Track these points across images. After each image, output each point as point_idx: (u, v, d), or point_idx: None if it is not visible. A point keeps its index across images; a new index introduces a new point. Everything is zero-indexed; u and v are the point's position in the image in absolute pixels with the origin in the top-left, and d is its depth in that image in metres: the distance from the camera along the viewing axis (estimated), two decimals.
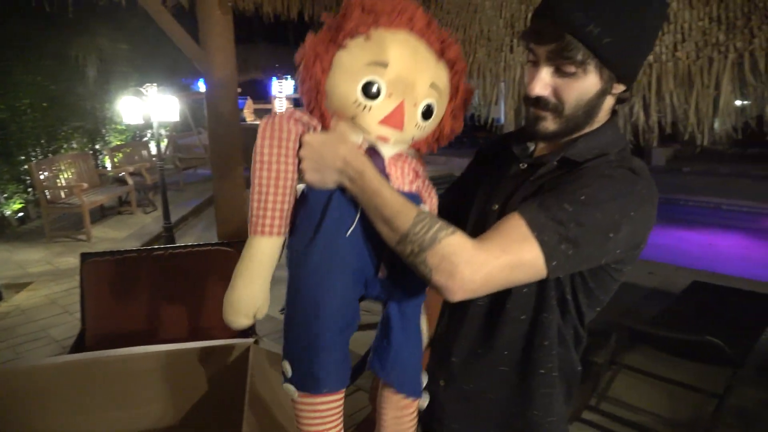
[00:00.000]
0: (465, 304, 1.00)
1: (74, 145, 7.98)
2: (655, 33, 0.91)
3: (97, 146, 8.61)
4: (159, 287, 2.32)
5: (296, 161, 0.94)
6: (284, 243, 1.00)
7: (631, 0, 0.85)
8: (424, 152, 1.05)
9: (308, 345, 0.97)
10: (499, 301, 0.97)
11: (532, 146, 1.01)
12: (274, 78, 12.32)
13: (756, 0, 1.81)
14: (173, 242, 5.38)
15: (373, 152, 0.94)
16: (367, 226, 0.92)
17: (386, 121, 0.93)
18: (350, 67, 0.92)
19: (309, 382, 0.97)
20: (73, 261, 5.13)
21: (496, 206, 0.98)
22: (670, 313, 3.09)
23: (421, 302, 1.05)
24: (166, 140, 10.09)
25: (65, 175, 6.61)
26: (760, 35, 1.79)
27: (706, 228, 7.78)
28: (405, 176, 0.98)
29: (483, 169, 1.12)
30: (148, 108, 5.40)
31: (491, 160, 1.10)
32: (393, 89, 0.93)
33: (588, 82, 0.88)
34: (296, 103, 13.23)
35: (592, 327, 1.04)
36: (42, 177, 6.15)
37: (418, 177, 1.01)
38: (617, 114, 0.99)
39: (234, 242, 2.50)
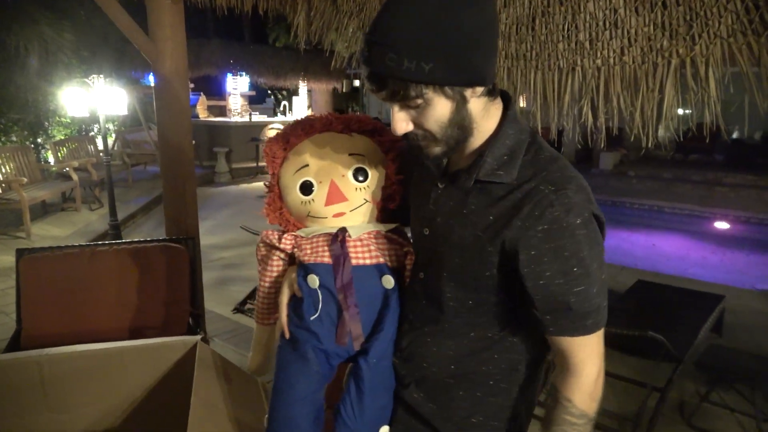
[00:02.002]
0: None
1: (14, 138, 7.58)
2: (488, 29, 0.84)
3: (39, 140, 8.21)
4: (103, 285, 2.22)
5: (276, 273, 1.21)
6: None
7: (437, 17, 0.80)
8: (394, 206, 1.19)
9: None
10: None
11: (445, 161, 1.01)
12: (228, 74, 12.08)
13: (697, 8, 1.88)
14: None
15: (334, 239, 1.11)
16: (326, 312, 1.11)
17: (330, 200, 1.13)
18: (289, 183, 1.17)
19: None
20: (9, 260, 4.87)
21: (427, 231, 1.02)
22: (615, 311, 3.19)
23: (389, 358, 1.13)
24: (113, 135, 9.73)
25: (3, 170, 6.27)
26: (700, 42, 1.87)
27: (649, 230, 8.11)
28: (367, 251, 1.12)
29: (415, 166, 1.13)
30: (95, 100, 5.18)
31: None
32: (321, 177, 1.14)
33: (438, 106, 0.86)
34: (251, 100, 13.03)
35: None
36: None
37: (383, 249, 1.14)
38: (511, 101, 0.97)
39: (183, 239, 2.43)
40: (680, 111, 2.05)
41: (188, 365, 1.24)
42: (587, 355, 0.93)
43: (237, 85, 12.10)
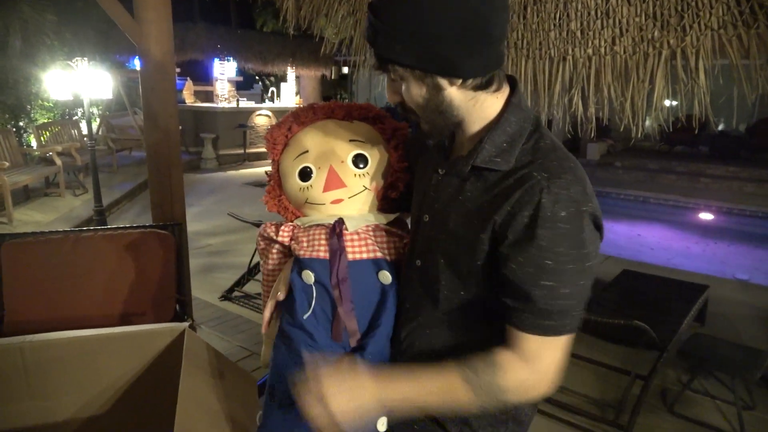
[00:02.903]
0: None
1: None
2: (468, 23, 0.83)
3: (21, 123, 8.04)
4: (87, 271, 2.19)
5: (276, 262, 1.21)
6: None
7: (420, 3, 0.83)
8: (396, 195, 1.18)
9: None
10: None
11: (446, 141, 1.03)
12: (215, 59, 11.91)
13: None
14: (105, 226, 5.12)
15: (332, 232, 1.09)
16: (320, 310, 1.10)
17: (327, 186, 1.12)
18: (289, 169, 1.17)
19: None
20: None
21: (426, 217, 1.02)
22: (601, 300, 3.23)
23: (386, 355, 1.10)
24: (98, 120, 9.57)
25: None
26: (691, 33, 1.88)
27: (634, 220, 8.19)
28: (364, 246, 1.10)
29: (420, 154, 1.14)
30: (78, 84, 5.08)
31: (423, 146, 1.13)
32: (320, 163, 1.14)
33: (412, 87, 0.91)
34: (238, 86, 12.87)
35: None
36: None
37: (381, 243, 1.13)
38: (517, 92, 0.95)
39: (169, 225, 2.40)
40: (668, 103, 2.06)
41: (175, 352, 1.22)
42: (535, 358, 0.87)
43: (224, 71, 11.93)
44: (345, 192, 1.12)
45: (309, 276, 1.08)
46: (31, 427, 1.34)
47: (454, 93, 0.90)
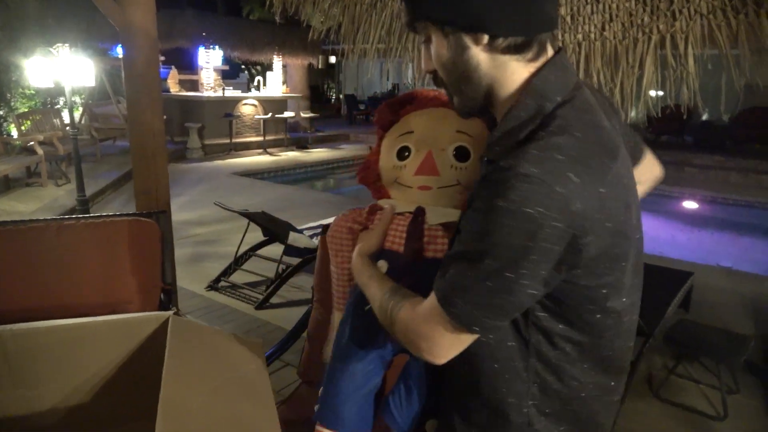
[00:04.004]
0: None
1: None
2: None
3: (0, 112, 7.89)
4: (70, 260, 2.15)
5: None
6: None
7: None
8: None
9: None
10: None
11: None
12: (201, 47, 11.75)
13: None
14: None
15: (412, 225, 1.06)
16: None
17: (420, 170, 1.09)
18: (389, 145, 1.16)
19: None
20: None
21: None
22: None
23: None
24: (81, 108, 9.41)
25: None
26: (681, 18, 1.87)
27: None
28: (440, 245, 1.06)
29: None
30: (60, 71, 4.98)
31: None
32: (420, 146, 1.11)
33: (437, 45, 0.82)
34: (224, 74, 12.71)
35: None
36: None
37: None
38: (548, 66, 0.80)
39: (153, 213, 2.36)
40: (654, 93, 2.05)
41: (160, 341, 1.20)
42: (423, 313, 0.80)
43: (210, 59, 11.78)
44: (436, 181, 1.08)
45: (383, 265, 1.05)
46: (13, 416, 1.32)
47: (481, 55, 0.80)
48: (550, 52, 0.83)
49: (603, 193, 0.72)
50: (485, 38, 0.78)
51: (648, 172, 1.11)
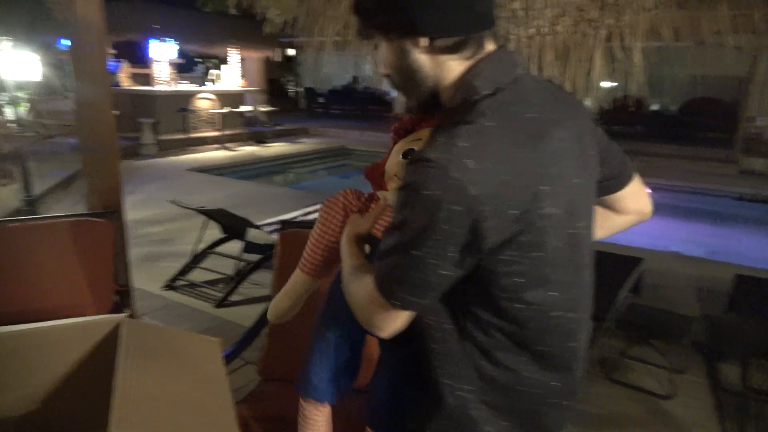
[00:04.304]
0: None
1: None
2: None
3: None
4: (16, 265, 2.06)
5: (340, 231, 1.24)
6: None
7: None
8: None
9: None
10: None
11: None
12: (154, 40, 11.40)
13: None
14: None
15: None
16: None
17: None
18: (398, 149, 1.18)
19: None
20: None
21: None
22: None
23: None
24: (27, 104, 9.01)
25: None
26: (628, 13, 1.93)
27: None
28: None
29: None
30: (1, 66, 4.76)
31: None
32: None
33: (384, 50, 0.88)
34: (179, 68, 12.38)
35: None
36: None
37: None
38: (484, 62, 0.83)
39: (105, 212, 2.29)
40: (610, 84, 2.12)
41: (114, 345, 1.17)
42: (368, 294, 0.85)
43: (163, 52, 11.44)
44: None
45: (366, 249, 1.12)
46: None
47: (423, 57, 0.85)
48: (490, 48, 0.86)
49: (506, 180, 0.74)
50: (424, 41, 0.82)
51: (633, 202, 1.09)
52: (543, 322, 0.86)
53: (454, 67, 0.85)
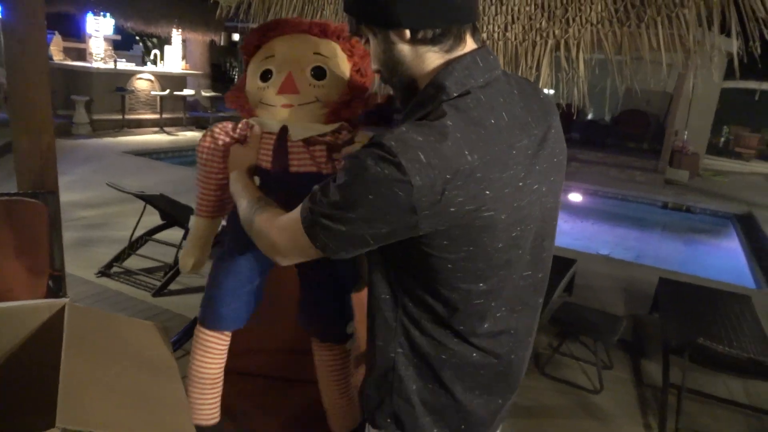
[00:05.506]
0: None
1: None
2: None
3: None
4: None
5: (224, 166, 1.29)
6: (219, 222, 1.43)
7: None
8: (348, 115, 1.25)
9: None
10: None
11: None
12: (89, 13, 10.81)
13: None
14: None
15: (279, 140, 1.20)
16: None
17: (282, 89, 1.21)
18: (254, 69, 1.27)
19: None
20: None
21: None
22: None
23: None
24: None
25: None
26: (574, 26, 2.03)
27: None
28: (309, 159, 1.22)
29: None
30: None
31: None
32: (280, 68, 1.23)
33: (373, 44, 0.92)
34: (116, 45, 11.81)
35: None
36: None
37: (325, 160, 1.23)
38: (463, 59, 0.86)
39: (40, 193, 2.18)
40: (549, 91, 2.22)
41: (55, 331, 1.13)
42: (284, 227, 0.93)
43: (99, 27, 10.87)
44: (297, 98, 1.21)
45: (256, 181, 1.18)
46: None
47: (405, 49, 0.88)
48: (470, 45, 0.89)
49: (450, 180, 0.77)
50: (407, 33, 0.86)
51: None
52: (467, 308, 0.90)
53: (432, 59, 0.88)
